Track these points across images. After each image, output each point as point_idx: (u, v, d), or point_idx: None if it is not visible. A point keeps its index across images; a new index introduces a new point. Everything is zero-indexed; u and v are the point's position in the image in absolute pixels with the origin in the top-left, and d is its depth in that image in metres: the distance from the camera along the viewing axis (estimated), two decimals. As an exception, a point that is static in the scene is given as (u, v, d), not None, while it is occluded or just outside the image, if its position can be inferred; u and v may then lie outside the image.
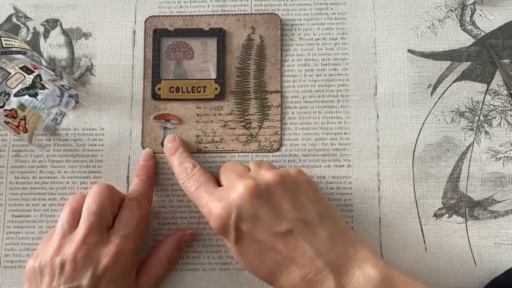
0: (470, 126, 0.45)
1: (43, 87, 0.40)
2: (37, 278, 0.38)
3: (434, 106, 0.46)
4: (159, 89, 0.46)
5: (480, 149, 0.45)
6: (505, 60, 0.46)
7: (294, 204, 0.36)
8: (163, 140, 0.45)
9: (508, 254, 0.43)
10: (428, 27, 0.47)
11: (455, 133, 0.45)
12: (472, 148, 0.45)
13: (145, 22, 0.48)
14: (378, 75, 0.46)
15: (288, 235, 0.35)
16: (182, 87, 0.46)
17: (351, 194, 0.45)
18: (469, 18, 0.47)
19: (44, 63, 0.46)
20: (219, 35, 0.47)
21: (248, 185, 0.36)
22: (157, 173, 0.45)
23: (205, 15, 0.47)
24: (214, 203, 0.37)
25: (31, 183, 0.46)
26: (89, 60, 0.47)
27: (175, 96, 0.46)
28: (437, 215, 0.44)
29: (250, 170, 0.40)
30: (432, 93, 0.46)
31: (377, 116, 0.46)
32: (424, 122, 0.45)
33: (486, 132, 0.45)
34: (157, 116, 0.46)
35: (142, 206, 0.42)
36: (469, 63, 0.46)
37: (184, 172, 0.41)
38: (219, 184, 0.40)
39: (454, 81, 0.46)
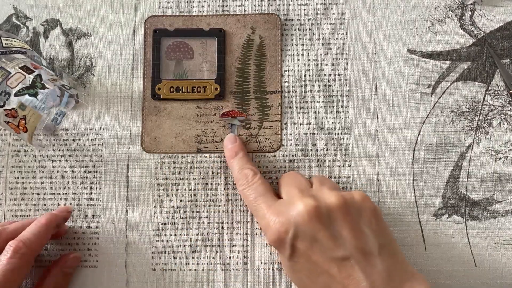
0: (470, 126, 0.45)
1: (43, 87, 0.40)
2: None
3: (434, 106, 0.46)
4: (159, 89, 0.46)
5: (480, 149, 0.45)
6: (505, 60, 0.46)
7: (355, 232, 0.35)
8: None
9: (508, 254, 0.43)
10: (428, 27, 0.47)
11: (455, 133, 0.45)
12: (472, 148, 0.45)
13: (145, 22, 0.48)
14: (378, 75, 0.46)
15: (344, 262, 0.34)
16: (182, 87, 0.46)
17: (351, 194, 0.45)
18: (469, 18, 0.47)
19: (44, 63, 0.46)
20: (219, 35, 0.47)
21: (309, 205, 0.35)
22: (157, 172, 0.45)
23: (205, 15, 0.48)
24: (272, 217, 0.36)
25: (30, 183, 0.46)
26: (89, 60, 0.47)
27: (175, 96, 0.46)
28: (437, 215, 0.44)
29: (312, 185, 0.40)
30: (432, 93, 0.46)
31: (377, 116, 0.46)
32: (424, 122, 0.45)
33: (486, 132, 0.45)
34: (224, 114, 0.46)
35: (18, 256, 0.37)
36: (469, 63, 0.46)
37: (244, 178, 0.40)
38: (277, 195, 0.40)
39: (454, 81, 0.46)
